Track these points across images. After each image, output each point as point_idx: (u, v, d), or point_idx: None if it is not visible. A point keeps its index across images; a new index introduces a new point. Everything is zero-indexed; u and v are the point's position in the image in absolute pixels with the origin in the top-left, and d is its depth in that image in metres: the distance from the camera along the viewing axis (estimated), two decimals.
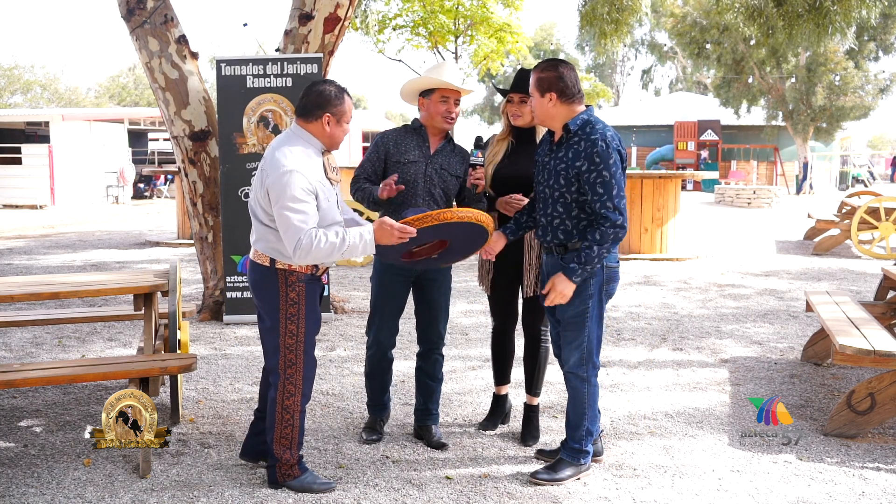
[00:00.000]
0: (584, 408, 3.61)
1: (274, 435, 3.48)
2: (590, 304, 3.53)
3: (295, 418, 3.47)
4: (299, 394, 3.47)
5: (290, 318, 3.40)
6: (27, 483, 3.59)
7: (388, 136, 4.06)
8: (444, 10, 15.74)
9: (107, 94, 51.88)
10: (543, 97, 3.52)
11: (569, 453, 3.65)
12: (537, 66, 3.60)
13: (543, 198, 3.60)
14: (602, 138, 3.41)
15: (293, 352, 3.42)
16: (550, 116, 3.55)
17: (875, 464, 3.87)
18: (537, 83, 3.53)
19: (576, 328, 3.56)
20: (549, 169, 3.56)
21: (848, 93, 29.07)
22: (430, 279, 4.05)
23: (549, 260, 3.65)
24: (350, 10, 7.03)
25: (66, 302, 7.44)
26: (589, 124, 3.48)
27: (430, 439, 4.11)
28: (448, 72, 3.99)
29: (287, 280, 3.39)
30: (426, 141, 4.02)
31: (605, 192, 3.37)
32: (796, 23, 9.94)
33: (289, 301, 3.39)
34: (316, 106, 3.41)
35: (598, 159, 3.38)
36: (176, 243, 12.91)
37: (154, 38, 6.85)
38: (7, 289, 4.23)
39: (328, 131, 3.43)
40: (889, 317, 5.61)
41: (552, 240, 3.57)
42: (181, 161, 7.07)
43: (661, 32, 44.24)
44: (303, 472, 3.53)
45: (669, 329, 6.78)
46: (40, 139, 22.52)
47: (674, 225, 11.35)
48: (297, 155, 3.34)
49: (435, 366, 4.14)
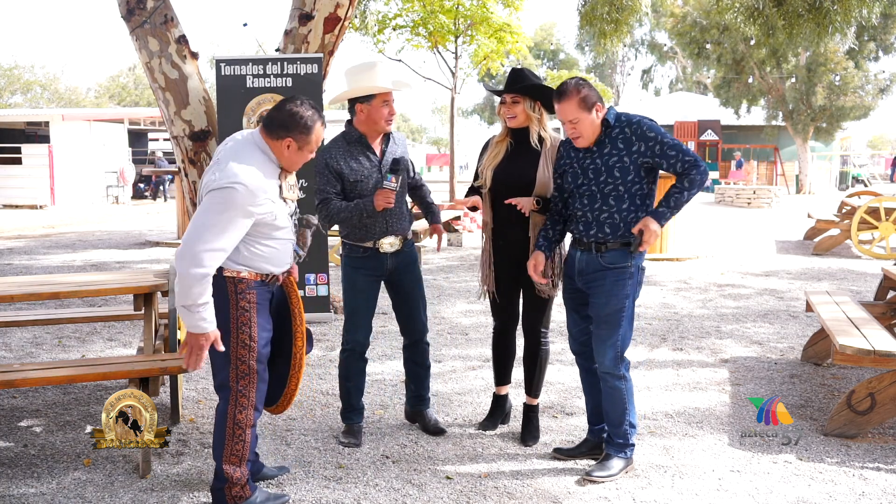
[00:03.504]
0: (623, 404, 3.67)
1: (223, 452, 3.27)
2: (626, 304, 3.58)
3: (246, 433, 3.29)
4: (252, 407, 3.28)
5: (241, 327, 3.21)
6: (27, 483, 3.59)
7: (334, 157, 3.92)
8: (444, 10, 15.73)
9: (107, 94, 51.87)
10: (591, 113, 3.52)
11: (615, 448, 3.71)
12: (566, 90, 3.49)
13: (590, 195, 3.59)
14: (642, 118, 3.57)
15: (245, 363, 3.23)
16: (596, 127, 3.56)
17: (875, 464, 3.87)
18: (582, 103, 3.48)
19: (611, 326, 3.59)
20: (597, 168, 3.57)
21: (848, 93, 29.04)
22: (400, 272, 4.09)
23: (584, 257, 3.65)
24: (350, 10, 7.03)
25: (66, 302, 7.44)
26: (622, 115, 3.60)
27: (426, 424, 4.22)
28: (382, 75, 3.89)
29: (237, 288, 3.20)
30: (370, 149, 3.97)
31: (677, 150, 3.48)
32: (796, 23, 9.93)
33: (239, 309, 3.20)
34: (281, 126, 3.17)
35: (651, 133, 3.51)
36: (176, 243, 12.90)
37: (154, 38, 6.85)
38: (7, 289, 4.23)
39: (286, 155, 3.20)
40: (889, 317, 5.61)
41: (596, 233, 3.58)
42: (181, 161, 7.07)
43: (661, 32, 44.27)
44: (253, 491, 3.35)
45: (669, 329, 6.78)
46: (40, 139, 22.50)
47: (674, 225, 11.34)
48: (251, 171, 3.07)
49: (423, 354, 4.23)
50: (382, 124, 3.92)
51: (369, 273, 4.04)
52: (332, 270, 9.25)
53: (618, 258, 3.57)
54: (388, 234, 3.98)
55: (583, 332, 3.81)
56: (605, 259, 3.58)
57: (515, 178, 3.93)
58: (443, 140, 59.48)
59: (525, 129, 3.95)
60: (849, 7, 9.47)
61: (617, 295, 3.56)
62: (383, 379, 5.23)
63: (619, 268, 3.56)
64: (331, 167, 3.92)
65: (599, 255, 3.59)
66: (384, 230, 3.97)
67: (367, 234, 3.97)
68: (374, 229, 3.96)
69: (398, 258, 4.07)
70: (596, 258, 3.60)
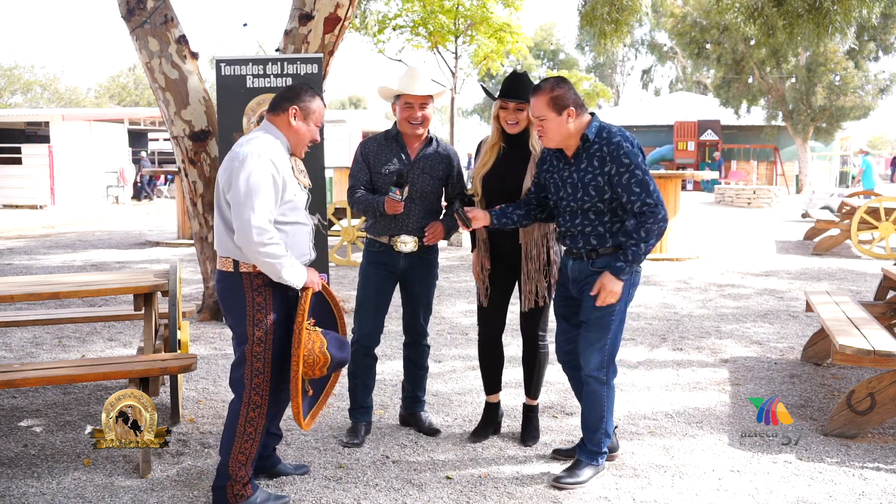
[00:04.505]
0: (602, 411, 3.60)
1: (231, 449, 3.26)
2: (618, 307, 3.51)
3: (258, 432, 3.28)
4: (265, 406, 3.27)
5: (258, 324, 3.21)
6: (27, 483, 3.60)
7: (367, 148, 4.12)
8: (444, 10, 15.71)
9: (107, 94, 51.88)
10: (561, 115, 3.40)
11: (587, 455, 3.65)
12: (542, 86, 3.45)
13: (571, 211, 3.54)
14: (624, 139, 3.40)
15: (261, 360, 3.23)
16: (568, 134, 3.45)
17: (875, 464, 3.87)
18: (552, 103, 3.39)
19: (600, 329, 3.53)
20: (573, 183, 3.49)
21: (848, 93, 29.03)
22: (415, 275, 4.13)
23: (576, 265, 3.60)
24: (350, 10, 7.03)
25: (66, 302, 7.44)
26: (604, 129, 3.45)
27: (420, 426, 4.25)
28: (407, 79, 4.02)
29: (252, 284, 3.21)
30: (404, 148, 4.06)
31: (641, 189, 3.34)
32: (796, 23, 9.94)
33: (255, 306, 3.21)
34: (284, 98, 3.34)
35: (626, 160, 3.35)
36: (176, 243, 12.91)
37: (154, 38, 6.85)
38: (7, 289, 4.23)
39: (294, 125, 3.31)
40: (889, 317, 5.61)
41: (584, 246, 3.53)
42: (181, 161, 7.07)
43: (661, 32, 44.27)
44: (255, 490, 3.34)
45: (669, 329, 6.78)
46: (40, 139, 22.52)
47: (674, 225, 11.34)
48: (261, 142, 3.22)
49: (422, 355, 4.27)
50: (404, 124, 4.03)
51: (382, 268, 4.09)
52: (332, 270, 9.25)
53: (610, 262, 3.49)
54: (404, 233, 4.03)
55: (569, 341, 3.76)
56: (597, 265, 3.51)
57: (507, 184, 3.88)
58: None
59: (519, 133, 3.90)
60: (849, 7, 9.48)
61: None
62: (383, 379, 5.23)
63: None
64: (363, 156, 4.10)
65: (591, 262, 3.53)
66: (400, 228, 4.03)
67: (384, 229, 4.06)
68: (392, 225, 4.04)
69: (413, 260, 4.08)
70: (588, 265, 3.54)
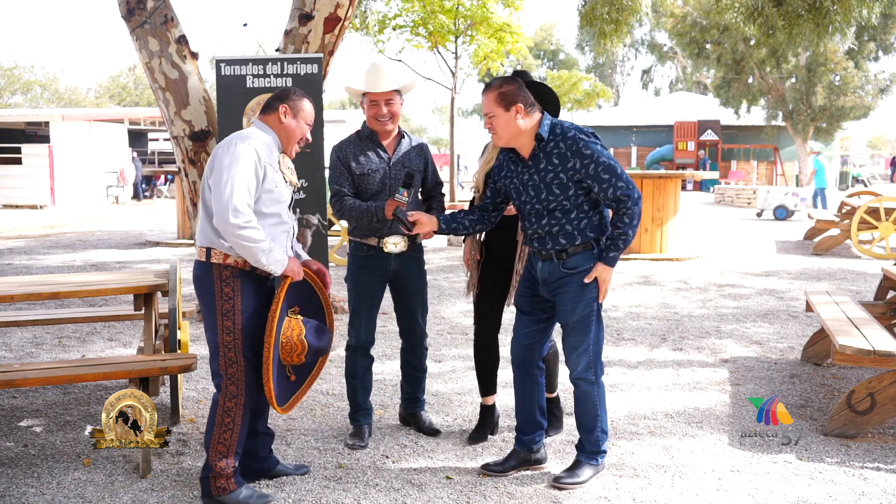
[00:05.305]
0: (595, 410, 3.59)
1: (211, 439, 3.28)
2: (594, 307, 3.51)
3: (236, 422, 3.28)
4: (242, 396, 3.27)
5: (226, 314, 3.23)
6: (27, 483, 3.59)
7: (344, 151, 4.05)
8: (444, 10, 15.71)
9: (107, 94, 51.93)
10: (509, 111, 3.40)
11: (587, 455, 3.64)
12: (491, 83, 3.47)
13: (536, 213, 3.50)
14: (578, 131, 3.43)
15: (232, 350, 3.24)
16: (518, 132, 3.43)
17: (875, 464, 3.87)
18: (500, 98, 3.40)
19: (581, 332, 3.51)
20: (535, 185, 3.47)
21: (848, 93, 29.06)
22: (405, 278, 4.11)
23: (545, 266, 3.55)
24: (350, 10, 7.04)
25: (66, 302, 7.45)
26: (557, 126, 3.46)
27: (420, 425, 4.24)
28: (368, 76, 3.98)
29: (221, 274, 3.23)
30: (380, 146, 4.05)
31: (610, 175, 3.35)
32: (796, 23, 9.94)
33: (223, 296, 3.23)
34: (274, 99, 3.39)
35: (587, 151, 3.37)
36: (176, 243, 12.91)
37: (154, 38, 6.85)
38: (7, 289, 4.23)
39: (284, 122, 3.35)
40: (889, 317, 5.61)
41: (553, 247, 3.50)
42: (181, 161, 7.07)
43: (661, 32, 44.29)
44: (239, 485, 3.32)
45: (669, 329, 6.78)
46: (40, 139, 22.53)
47: (674, 225, 11.35)
48: (250, 133, 3.29)
49: (420, 358, 4.26)
50: (373, 122, 4.00)
51: (373, 273, 4.05)
52: (331, 270, 9.25)
53: (581, 261, 3.47)
54: (393, 234, 3.99)
55: (528, 335, 3.68)
56: (567, 265, 3.48)
57: None
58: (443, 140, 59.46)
59: None
60: (849, 7, 9.48)
61: (584, 299, 3.47)
62: (383, 379, 5.23)
63: (583, 271, 3.47)
64: (341, 160, 4.04)
65: (562, 262, 3.50)
66: (388, 229, 3.98)
67: (371, 231, 4.01)
68: (379, 227, 3.99)
69: (403, 261, 4.07)
70: (558, 266, 3.50)
